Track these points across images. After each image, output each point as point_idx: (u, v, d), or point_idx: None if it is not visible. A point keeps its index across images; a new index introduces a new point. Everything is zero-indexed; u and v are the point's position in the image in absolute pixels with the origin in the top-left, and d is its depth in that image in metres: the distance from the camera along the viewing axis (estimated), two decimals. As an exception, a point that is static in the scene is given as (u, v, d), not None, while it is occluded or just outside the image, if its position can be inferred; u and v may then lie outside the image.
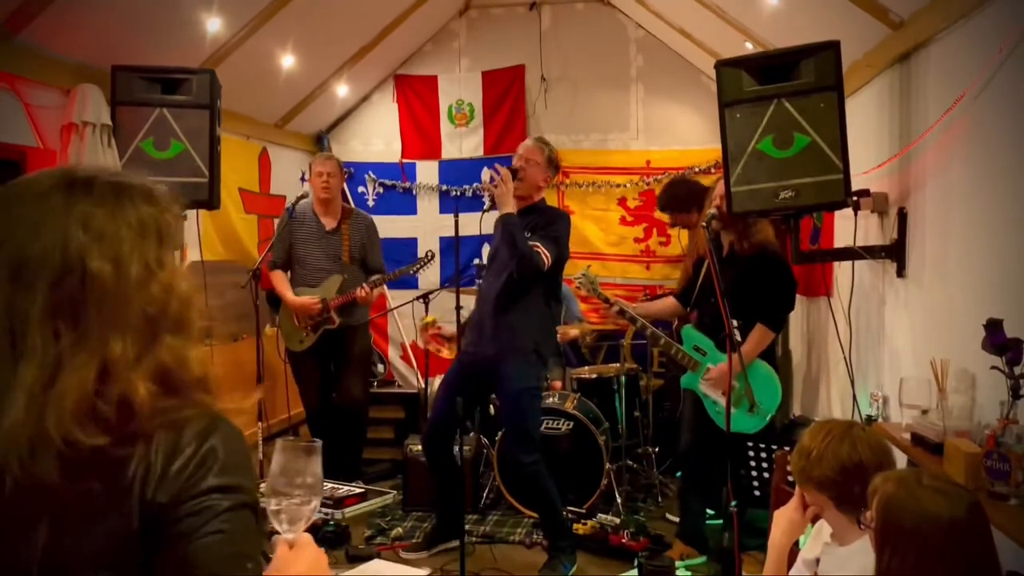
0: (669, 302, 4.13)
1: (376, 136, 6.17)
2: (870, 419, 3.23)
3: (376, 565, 3.54)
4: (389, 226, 5.64)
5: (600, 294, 3.82)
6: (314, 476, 1.12)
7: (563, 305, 4.88)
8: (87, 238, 0.93)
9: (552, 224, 3.66)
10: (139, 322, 0.94)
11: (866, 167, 3.47)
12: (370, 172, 6.13)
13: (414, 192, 6.11)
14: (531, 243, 3.56)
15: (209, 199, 3.67)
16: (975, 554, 1.47)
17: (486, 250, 5.62)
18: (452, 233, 3.65)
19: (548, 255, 3.55)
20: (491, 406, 4.67)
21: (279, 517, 1.09)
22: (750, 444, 3.36)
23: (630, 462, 4.80)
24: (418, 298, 5.03)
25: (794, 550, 2.08)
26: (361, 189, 6.14)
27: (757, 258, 3.54)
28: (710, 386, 3.58)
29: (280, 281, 4.60)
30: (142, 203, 0.99)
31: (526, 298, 3.64)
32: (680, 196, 4.81)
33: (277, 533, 1.10)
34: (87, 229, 0.93)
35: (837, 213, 3.66)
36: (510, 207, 3.55)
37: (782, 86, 3.05)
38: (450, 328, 4.65)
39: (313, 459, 1.12)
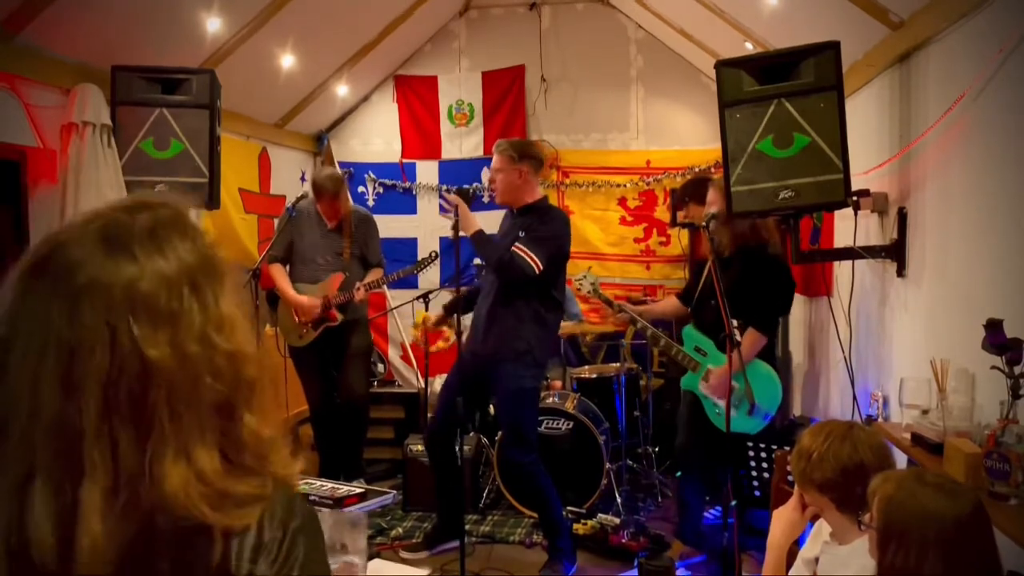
0: (671, 302, 4.14)
1: (376, 136, 6.17)
2: (870, 419, 3.23)
3: (376, 565, 3.53)
4: (389, 226, 5.64)
5: (602, 296, 3.82)
6: (358, 547, 1.07)
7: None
8: (137, 320, 0.78)
9: (542, 225, 3.63)
10: (213, 408, 0.81)
11: (866, 167, 3.47)
12: (370, 172, 6.13)
13: (414, 192, 6.11)
14: (518, 247, 3.54)
15: (209, 199, 3.68)
16: (979, 551, 1.48)
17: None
18: (452, 233, 3.64)
19: (535, 259, 3.52)
20: (491, 406, 4.67)
21: None
22: (750, 444, 3.36)
23: (630, 462, 4.80)
24: (418, 298, 5.02)
25: (794, 549, 2.08)
26: (361, 189, 6.14)
27: (755, 259, 3.54)
28: (710, 392, 3.58)
29: (279, 274, 4.59)
30: (181, 242, 0.84)
31: (520, 300, 3.64)
32: (705, 186, 4.74)
33: None
34: (133, 306, 0.78)
35: (837, 213, 3.65)
36: (474, 227, 3.58)
37: (782, 86, 3.05)
38: (435, 312, 4.65)
39: (358, 530, 1.09)
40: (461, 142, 6.03)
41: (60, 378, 0.76)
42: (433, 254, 4.68)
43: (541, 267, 3.53)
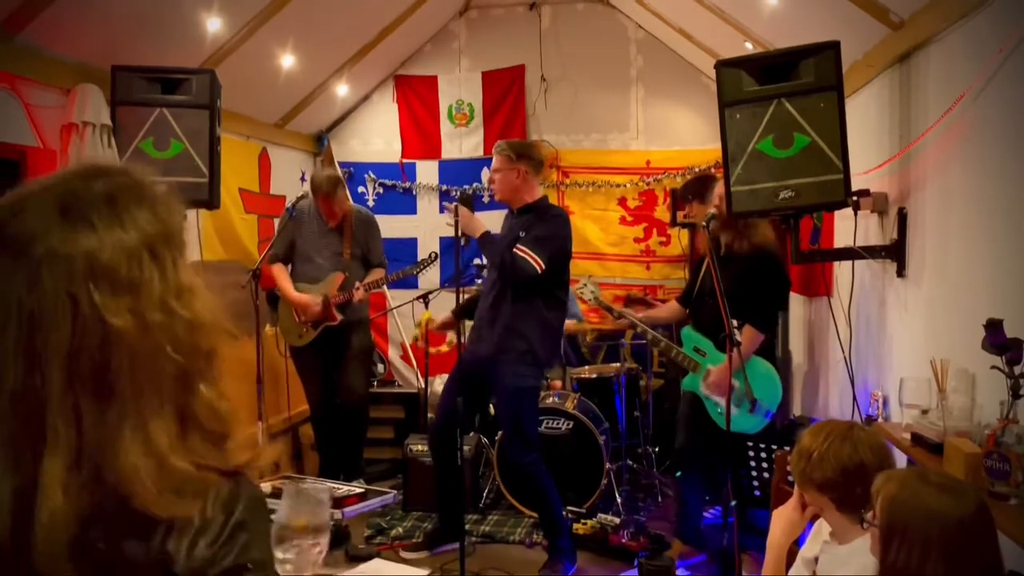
0: (672, 306, 4.14)
1: (376, 136, 6.17)
2: (870, 419, 3.23)
3: (376, 565, 3.54)
4: (389, 226, 5.63)
5: (602, 303, 3.82)
6: (319, 523, 1.09)
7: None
8: (99, 290, 0.77)
9: (541, 224, 3.64)
10: (173, 378, 0.81)
11: (866, 167, 3.47)
12: (370, 172, 6.12)
13: (414, 192, 6.11)
14: (520, 247, 3.56)
15: (209, 199, 3.67)
16: (982, 551, 1.48)
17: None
18: (452, 233, 3.65)
19: (537, 259, 3.53)
20: (491, 406, 4.67)
21: (284, 566, 1.07)
22: (750, 444, 3.37)
23: (630, 462, 4.80)
24: (418, 298, 5.04)
25: (793, 549, 2.08)
26: (361, 189, 6.14)
27: (752, 258, 3.54)
28: (710, 390, 3.58)
29: (281, 274, 4.59)
30: (139, 210, 0.83)
31: (522, 299, 3.64)
32: (707, 184, 4.74)
33: None
34: (94, 275, 0.78)
35: (837, 213, 3.66)
36: (480, 229, 3.62)
37: (782, 86, 3.05)
38: (442, 316, 4.66)
39: (320, 507, 1.10)
40: (461, 142, 6.02)
41: (23, 348, 0.76)
42: (433, 255, 4.69)
43: (543, 266, 3.53)
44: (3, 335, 0.77)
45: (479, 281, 4.95)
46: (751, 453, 3.37)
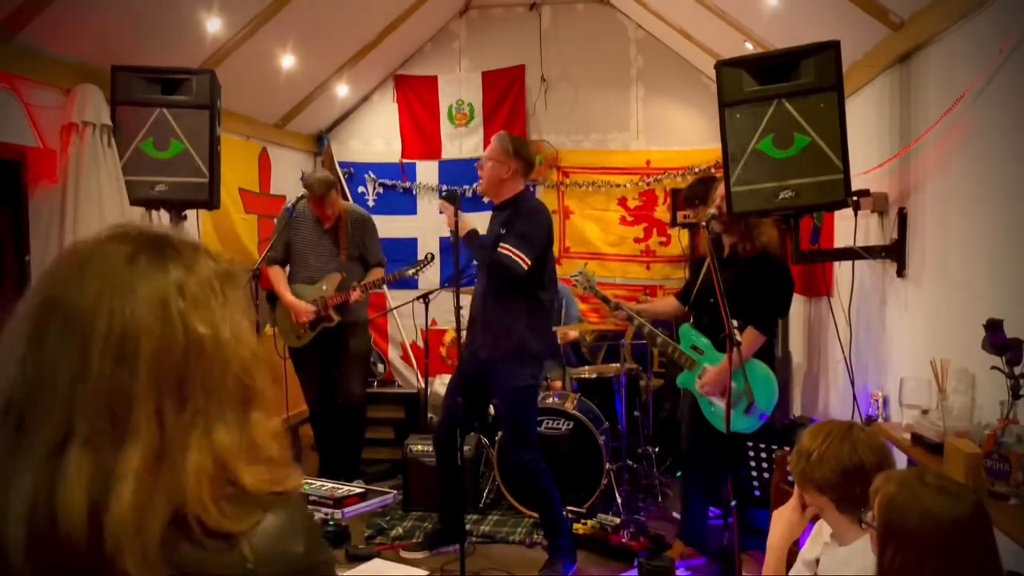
0: (670, 302, 4.14)
1: (376, 136, 6.17)
2: (870, 419, 3.23)
3: (376, 565, 3.54)
4: (389, 226, 5.64)
5: (598, 293, 3.81)
6: None
7: (562, 303, 4.88)
8: (186, 303, 0.85)
9: (522, 219, 3.63)
10: (236, 395, 0.87)
11: (866, 167, 3.47)
12: (370, 172, 6.13)
13: (414, 192, 6.11)
14: (504, 246, 3.55)
15: (209, 199, 3.67)
16: (978, 552, 1.48)
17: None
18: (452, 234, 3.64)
19: (522, 256, 3.53)
20: (491, 406, 4.67)
21: None
22: (750, 444, 3.36)
23: (630, 462, 4.80)
24: (418, 298, 5.03)
25: (794, 550, 2.08)
26: (361, 189, 6.14)
27: (757, 260, 3.54)
28: (706, 390, 3.57)
29: (278, 277, 4.61)
30: (210, 261, 0.94)
31: (510, 296, 3.64)
32: (710, 187, 4.73)
33: None
34: (183, 293, 0.85)
35: (837, 213, 3.66)
36: (466, 228, 3.63)
37: (782, 86, 3.05)
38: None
39: None
40: (461, 142, 6.03)
41: (113, 344, 0.80)
42: (429, 256, 4.69)
43: (529, 264, 3.54)
44: (92, 330, 0.80)
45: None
46: (751, 453, 3.37)
